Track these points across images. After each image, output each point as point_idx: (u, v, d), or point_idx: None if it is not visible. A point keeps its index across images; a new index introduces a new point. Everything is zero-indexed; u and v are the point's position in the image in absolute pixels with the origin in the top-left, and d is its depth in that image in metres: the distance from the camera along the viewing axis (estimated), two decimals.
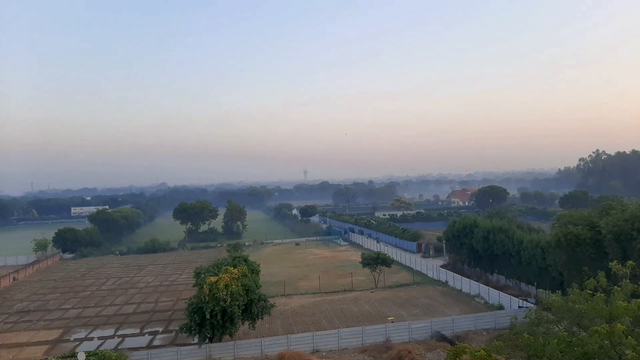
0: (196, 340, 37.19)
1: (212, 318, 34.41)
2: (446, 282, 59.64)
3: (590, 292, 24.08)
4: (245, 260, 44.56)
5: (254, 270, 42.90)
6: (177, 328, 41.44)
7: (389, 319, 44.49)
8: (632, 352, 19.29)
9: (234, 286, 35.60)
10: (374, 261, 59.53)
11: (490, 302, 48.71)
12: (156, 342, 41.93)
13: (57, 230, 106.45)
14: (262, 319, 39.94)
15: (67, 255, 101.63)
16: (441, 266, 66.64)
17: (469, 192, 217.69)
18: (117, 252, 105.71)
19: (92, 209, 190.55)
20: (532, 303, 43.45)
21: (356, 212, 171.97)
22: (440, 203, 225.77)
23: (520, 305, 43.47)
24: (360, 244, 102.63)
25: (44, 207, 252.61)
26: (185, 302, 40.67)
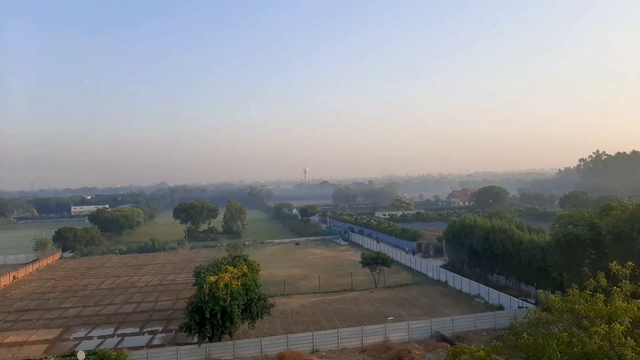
0: (196, 339, 37.27)
1: (211, 317, 34.47)
2: (446, 282, 59.66)
3: (590, 292, 24.09)
4: (245, 259, 44.62)
5: (254, 270, 42.98)
6: (177, 327, 41.47)
7: (388, 318, 44.50)
8: (632, 352, 19.32)
9: (233, 285, 35.69)
10: (374, 261, 59.59)
11: (490, 303, 48.78)
12: (156, 342, 41.95)
13: (57, 229, 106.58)
14: (261, 318, 40.06)
15: (67, 254, 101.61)
16: (441, 266, 66.64)
17: (468, 192, 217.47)
18: (117, 251, 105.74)
19: (92, 208, 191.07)
20: (531, 303, 43.45)
21: (356, 212, 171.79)
22: (440, 203, 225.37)
23: (520, 305, 43.53)
24: (360, 243, 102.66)
25: (44, 206, 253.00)
26: (185, 302, 40.75)
